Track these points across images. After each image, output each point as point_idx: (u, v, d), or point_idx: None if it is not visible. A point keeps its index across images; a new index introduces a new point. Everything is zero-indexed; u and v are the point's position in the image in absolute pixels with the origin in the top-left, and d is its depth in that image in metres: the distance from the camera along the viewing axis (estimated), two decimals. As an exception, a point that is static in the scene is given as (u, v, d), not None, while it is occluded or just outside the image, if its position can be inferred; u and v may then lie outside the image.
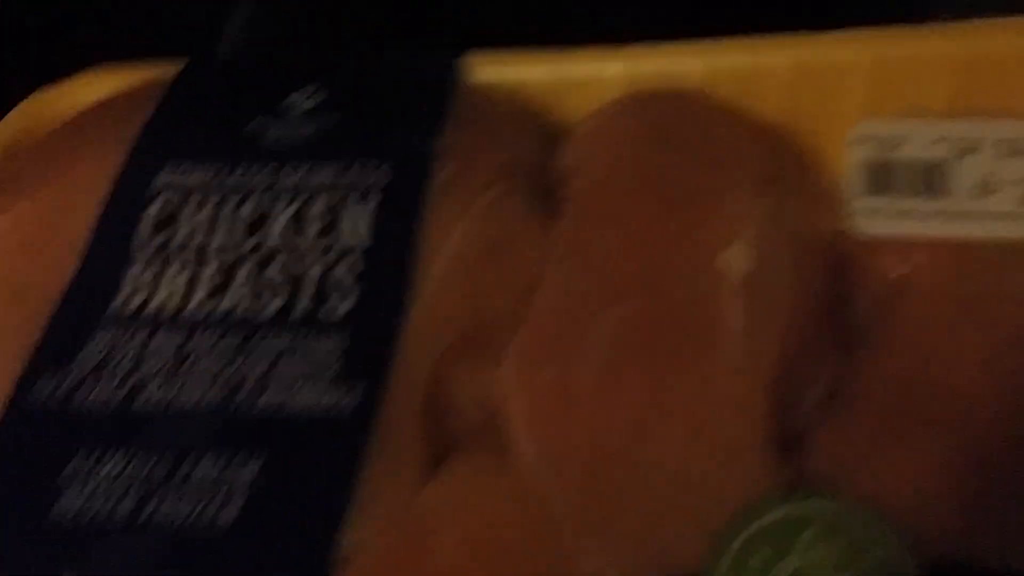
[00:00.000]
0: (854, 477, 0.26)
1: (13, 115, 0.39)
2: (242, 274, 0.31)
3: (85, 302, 0.31)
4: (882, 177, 0.31)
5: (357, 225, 0.31)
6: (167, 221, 0.32)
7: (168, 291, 0.31)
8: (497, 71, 0.36)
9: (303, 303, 0.30)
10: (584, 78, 0.36)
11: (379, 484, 0.27)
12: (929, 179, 0.31)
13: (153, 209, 0.33)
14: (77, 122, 0.37)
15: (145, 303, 0.31)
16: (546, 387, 0.28)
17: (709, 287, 0.29)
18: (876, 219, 0.31)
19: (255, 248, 0.31)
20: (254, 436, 0.28)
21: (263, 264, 0.31)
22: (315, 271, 0.30)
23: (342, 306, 0.30)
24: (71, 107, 0.38)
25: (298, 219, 0.32)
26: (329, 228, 0.31)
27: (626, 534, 0.26)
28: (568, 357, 0.28)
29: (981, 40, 0.34)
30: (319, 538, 0.26)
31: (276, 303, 0.30)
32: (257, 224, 0.32)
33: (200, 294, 0.31)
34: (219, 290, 0.31)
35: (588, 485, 0.27)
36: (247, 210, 0.32)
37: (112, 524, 0.27)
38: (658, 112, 0.34)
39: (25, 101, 0.39)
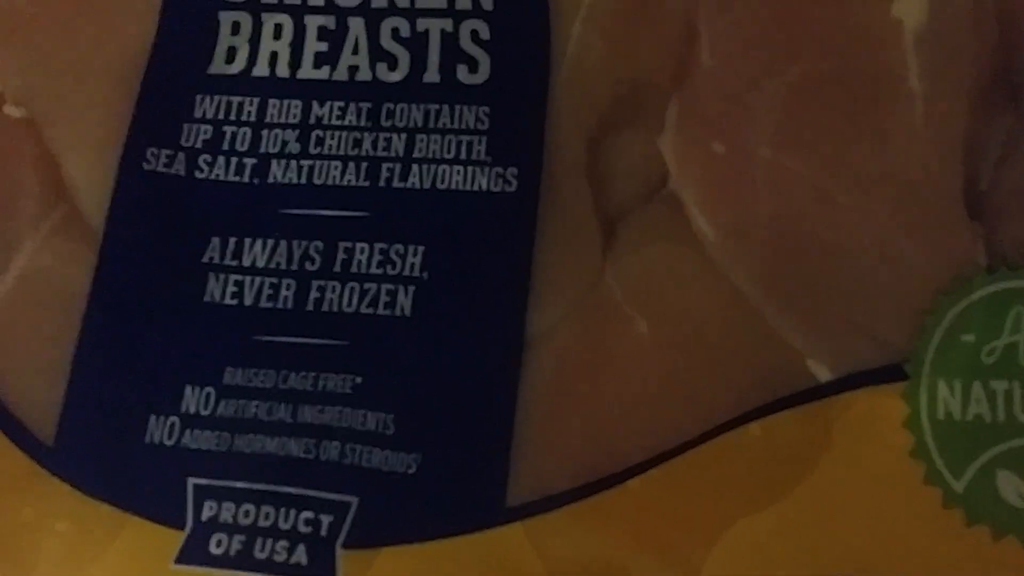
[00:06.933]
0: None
1: None
2: (352, 36, 0.27)
3: (176, 65, 0.27)
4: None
5: None
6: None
7: (270, 54, 0.27)
8: None
9: (429, 73, 0.27)
10: None
11: (557, 264, 0.25)
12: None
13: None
14: None
15: (247, 68, 0.27)
16: (716, 165, 0.26)
17: (884, 43, 0.26)
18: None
19: (361, 5, 0.28)
20: (407, 223, 0.25)
21: (372, 24, 0.27)
22: (435, 36, 0.27)
23: (474, 77, 0.27)
24: None
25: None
26: None
27: (826, 313, 0.25)
28: (736, 131, 0.26)
29: None
30: (503, 321, 0.25)
31: (398, 72, 0.27)
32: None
33: (308, 57, 0.27)
34: (329, 53, 0.27)
35: (778, 264, 0.25)
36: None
37: (274, 315, 0.25)
38: None
39: None
